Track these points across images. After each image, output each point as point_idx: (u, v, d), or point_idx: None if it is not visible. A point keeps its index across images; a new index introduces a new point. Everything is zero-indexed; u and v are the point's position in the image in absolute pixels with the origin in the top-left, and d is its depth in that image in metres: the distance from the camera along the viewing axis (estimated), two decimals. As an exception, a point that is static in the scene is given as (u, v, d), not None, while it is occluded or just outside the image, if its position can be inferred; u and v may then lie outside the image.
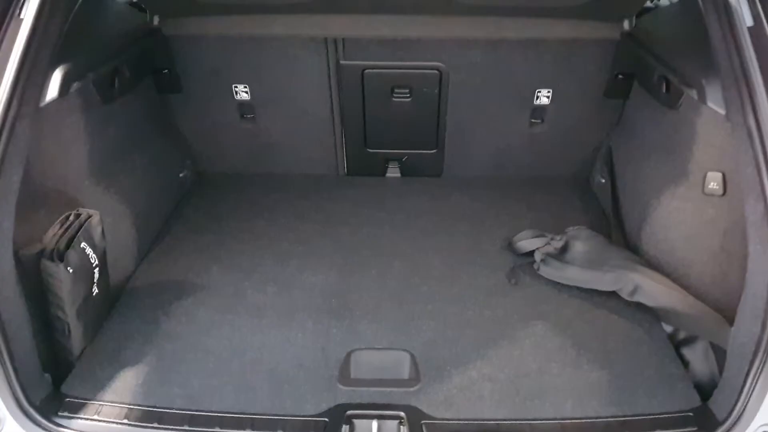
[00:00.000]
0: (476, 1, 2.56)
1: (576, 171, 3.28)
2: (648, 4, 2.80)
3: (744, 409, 1.79)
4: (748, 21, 1.87)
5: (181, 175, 3.14)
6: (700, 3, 2.10)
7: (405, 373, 2.11)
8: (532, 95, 3.01)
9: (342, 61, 2.91)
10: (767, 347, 1.74)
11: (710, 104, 2.12)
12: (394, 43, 2.88)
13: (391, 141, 3.22)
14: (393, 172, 3.32)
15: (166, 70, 2.95)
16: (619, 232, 2.75)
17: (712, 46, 1.96)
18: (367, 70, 2.94)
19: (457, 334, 2.27)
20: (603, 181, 3.04)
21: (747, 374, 1.78)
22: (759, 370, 1.77)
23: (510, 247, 2.71)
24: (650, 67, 2.60)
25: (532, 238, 2.66)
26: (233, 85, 3.00)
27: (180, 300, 2.42)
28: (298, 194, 3.15)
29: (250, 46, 2.89)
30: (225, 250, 2.72)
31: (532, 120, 3.10)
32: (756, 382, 1.77)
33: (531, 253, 2.63)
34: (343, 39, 2.86)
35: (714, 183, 2.24)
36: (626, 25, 2.74)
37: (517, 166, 3.28)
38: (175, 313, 2.36)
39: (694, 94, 2.22)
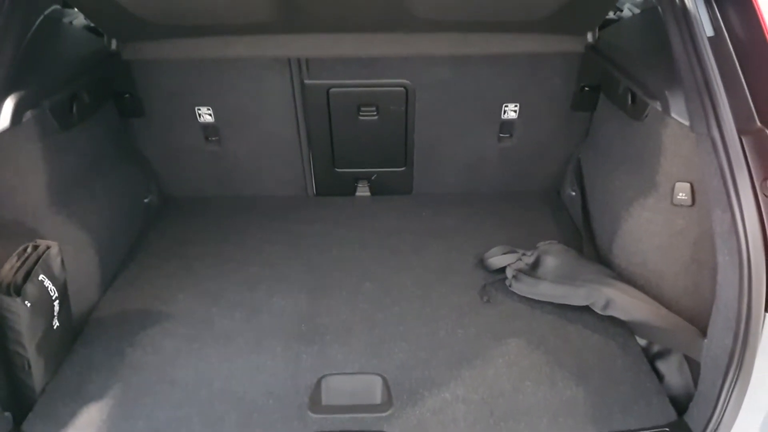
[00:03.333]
0: (438, 17, 2.54)
1: (547, 184, 3.27)
2: (611, 15, 2.81)
3: (720, 422, 1.78)
4: (709, 31, 1.88)
5: (145, 200, 3.08)
6: (661, 14, 2.11)
7: (377, 397, 2.07)
8: (499, 110, 3.00)
9: (306, 81, 2.87)
10: (740, 359, 1.74)
11: (674, 116, 2.11)
12: (359, 61, 2.86)
13: (359, 160, 3.19)
14: (362, 191, 3.29)
15: (127, 94, 2.89)
16: (590, 245, 2.73)
17: (674, 58, 1.96)
18: (332, 89, 2.91)
19: (430, 355, 2.23)
20: (573, 194, 3.04)
21: (721, 387, 1.78)
22: (733, 383, 1.76)
23: (482, 264, 2.68)
24: (615, 80, 2.61)
25: (504, 254, 2.65)
26: (196, 108, 2.95)
27: (145, 329, 2.36)
28: (266, 216, 3.10)
29: (212, 67, 2.85)
30: (192, 275, 2.66)
31: (501, 135, 3.09)
32: (731, 395, 1.76)
33: (503, 270, 2.61)
34: (306, 58, 2.83)
35: (682, 194, 2.24)
36: (590, 37, 2.74)
37: (487, 182, 3.26)
38: (140, 343, 2.29)
39: (658, 105, 2.22)
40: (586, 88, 2.91)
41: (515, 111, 3.00)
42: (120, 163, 2.90)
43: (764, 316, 1.71)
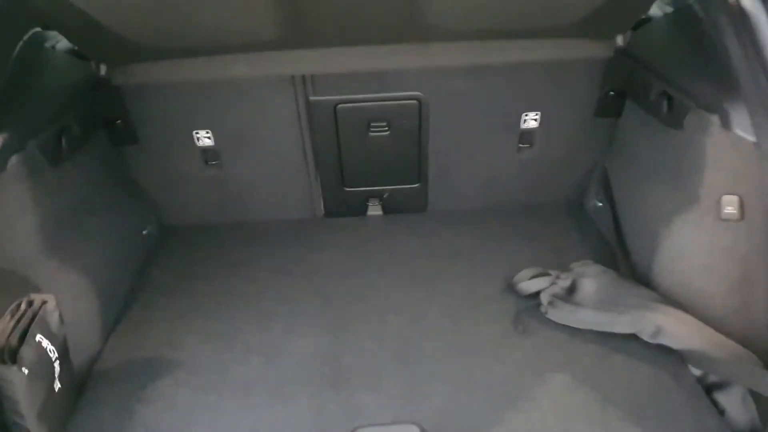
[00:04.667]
0: (458, 26, 2.35)
1: (570, 195, 3.08)
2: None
3: None
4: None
5: (144, 232, 2.87)
6: (701, 13, 1.92)
7: None
8: (518, 119, 2.81)
9: (312, 98, 2.67)
10: None
11: (737, 131, 1.93)
12: (369, 74, 2.66)
13: (370, 178, 2.99)
14: (374, 210, 3.09)
15: (119, 121, 2.68)
16: (626, 264, 2.56)
17: (732, 65, 1.78)
18: (339, 105, 2.70)
19: (469, 398, 2.05)
20: (600, 204, 2.86)
21: None
22: None
23: (511, 288, 2.50)
24: (648, 84, 2.42)
25: (535, 277, 2.46)
26: (194, 132, 2.74)
27: (155, 382, 2.16)
28: (275, 244, 2.89)
29: (210, 89, 2.63)
30: (200, 316, 2.46)
31: (520, 145, 2.89)
32: None
33: (536, 294, 2.42)
34: (312, 75, 2.63)
35: (730, 207, 2.07)
36: (620, 40, 2.55)
37: (506, 195, 3.07)
38: (151, 398, 2.09)
39: (716, 120, 2.03)
40: (612, 93, 2.72)
41: (536, 120, 2.80)
42: (114, 194, 2.69)
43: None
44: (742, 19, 1.71)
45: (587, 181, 3.01)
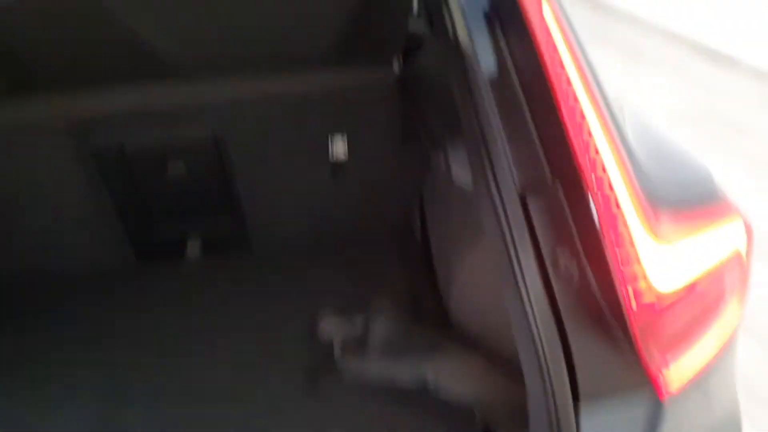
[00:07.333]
0: (195, 60, 2.16)
1: (397, 221, 2.92)
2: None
3: None
4: (489, 68, 1.54)
5: None
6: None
7: None
8: (326, 146, 2.63)
9: (94, 143, 2.43)
10: None
11: (453, 171, 1.79)
12: (157, 111, 2.45)
13: (181, 218, 2.78)
14: (193, 250, 2.87)
15: None
16: (431, 293, 2.41)
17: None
18: (127, 147, 2.48)
19: None
20: (417, 232, 2.72)
21: None
22: None
23: (313, 331, 2.33)
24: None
25: (334, 318, 2.30)
26: None
27: None
28: (64, 299, 2.63)
29: None
30: None
31: (334, 172, 2.72)
32: None
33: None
34: (86, 118, 2.40)
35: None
36: (395, 67, 2.39)
37: (330, 226, 2.89)
38: None
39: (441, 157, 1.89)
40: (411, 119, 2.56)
41: (344, 145, 2.63)
42: None
43: (574, 406, 1.40)
44: (457, 48, 1.55)
45: (413, 207, 2.85)
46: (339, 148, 2.63)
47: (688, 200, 1.50)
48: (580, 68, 1.46)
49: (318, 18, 2.09)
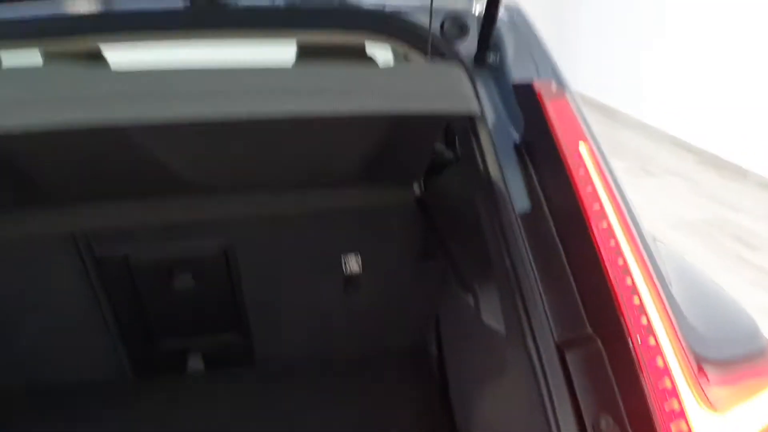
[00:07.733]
0: (219, 182, 2.10)
1: (413, 342, 2.79)
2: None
3: None
4: (524, 207, 1.47)
5: None
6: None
7: None
8: (339, 264, 2.54)
9: (98, 254, 2.35)
10: None
11: (485, 318, 1.69)
12: (166, 225, 2.37)
13: (184, 331, 2.66)
14: (194, 365, 2.74)
15: None
16: (448, 423, 2.27)
17: (486, 240, 1.54)
18: (132, 259, 2.39)
19: None
20: (434, 355, 2.59)
21: None
22: None
23: None
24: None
25: None
26: None
27: None
28: (55, 413, 2.49)
29: None
30: None
31: (346, 291, 2.61)
32: None
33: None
34: (93, 230, 2.32)
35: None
36: (416, 189, 2.34)
37: (339, 346, 2.76)
38: None
39: (470, 300, 1.79)
40: (431, 239, 2.48)
41: (358, 264, 2.54)
42: None
43: None
44: (489, 183, 1.48)
45: (429, 329, 2.73)
46: (353, 263, 2.54)
47: (737, 357, 1.38)
48: (618, 210, 1.39)
49: (343, 146, 2.04)
